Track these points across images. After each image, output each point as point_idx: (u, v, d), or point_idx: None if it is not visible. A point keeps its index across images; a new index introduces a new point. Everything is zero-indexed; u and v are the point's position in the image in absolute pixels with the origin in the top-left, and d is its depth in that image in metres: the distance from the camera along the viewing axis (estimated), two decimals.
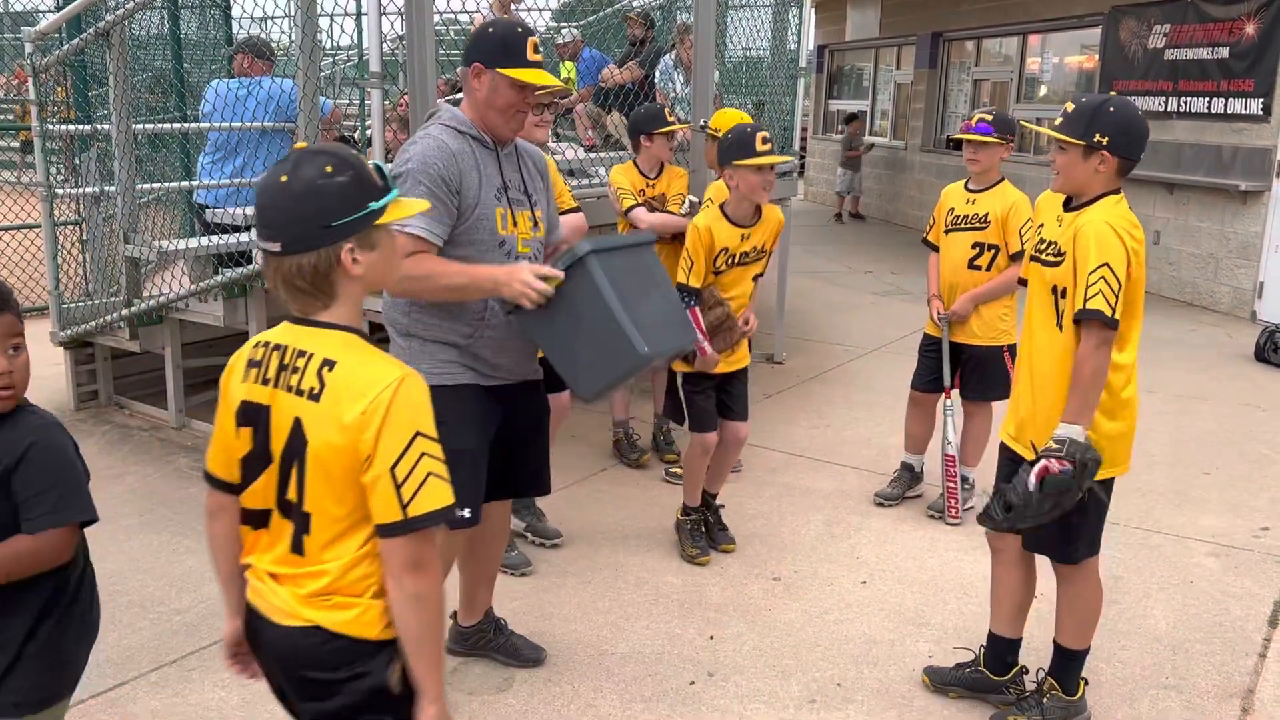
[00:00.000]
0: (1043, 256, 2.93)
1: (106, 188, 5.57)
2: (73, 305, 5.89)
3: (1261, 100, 8.39)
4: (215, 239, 5.14)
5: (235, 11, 6.76)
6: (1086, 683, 3.11)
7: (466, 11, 5.39)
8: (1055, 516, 2.73)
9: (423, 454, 1.73)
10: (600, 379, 2.74)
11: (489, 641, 3.41)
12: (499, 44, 2.80)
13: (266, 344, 1.83)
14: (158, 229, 5.75)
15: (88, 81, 6.09)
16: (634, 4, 8.49)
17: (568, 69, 7.58)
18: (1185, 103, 9.23)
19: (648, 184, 4.94)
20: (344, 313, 1.80)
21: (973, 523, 4.30)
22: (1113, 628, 3.66)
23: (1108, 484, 2.88)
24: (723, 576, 4.07)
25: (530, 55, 2.80)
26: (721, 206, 4.02)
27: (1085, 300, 2.71)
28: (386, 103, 6.28)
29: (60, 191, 5.96)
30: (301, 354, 1.78)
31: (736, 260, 4.02)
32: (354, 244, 1.75)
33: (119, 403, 6.00)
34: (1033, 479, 2.69)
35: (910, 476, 4.83)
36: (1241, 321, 8.60)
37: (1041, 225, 3.01)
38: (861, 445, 5.54)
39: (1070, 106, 2.85)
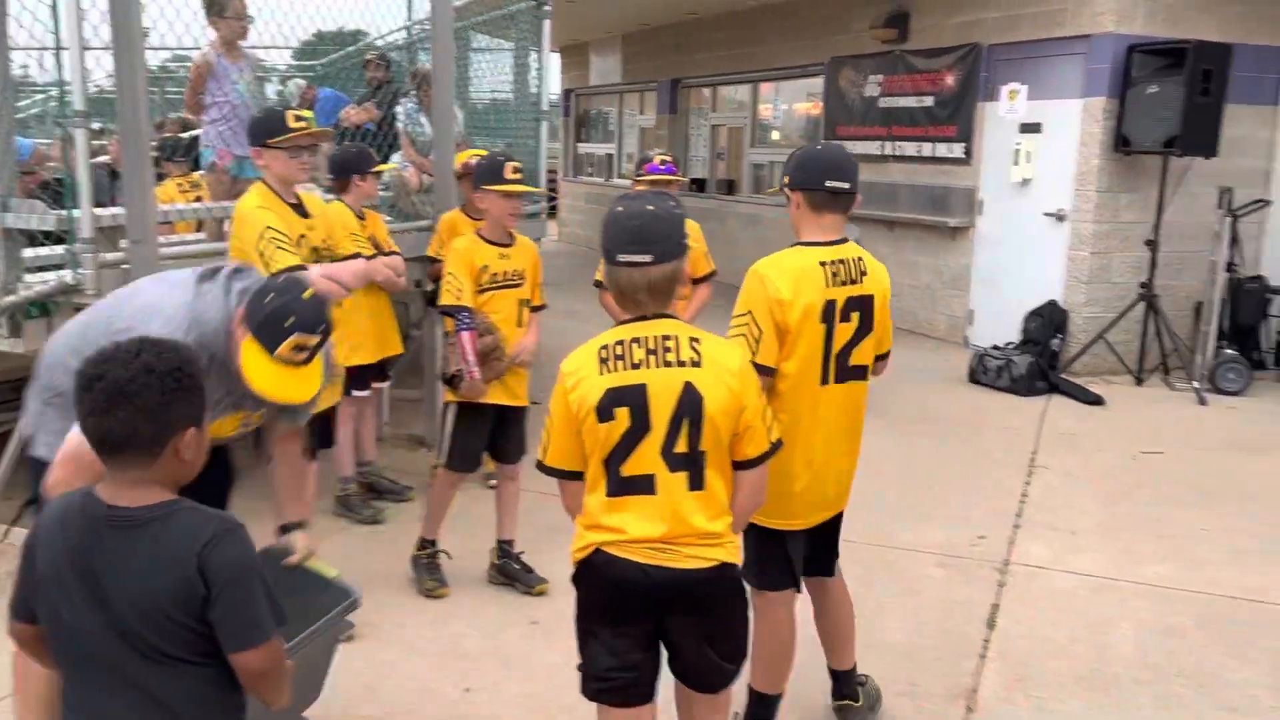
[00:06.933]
0: None
1: None
2: None
3: (963, 145, 9.23)
4: None
5: None
6: None
7: (185, 48, 5.10)
8: None
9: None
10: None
11: None
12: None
13: (607, 345, 2.29)
14: None
15: None
16: (375, 43, 8.35)
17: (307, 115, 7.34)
18: (898, 147, 10.02)
19: (361, 226, 4.83)
20: (674, 308, 2.36)
21: None
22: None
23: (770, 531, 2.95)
24: (479, 625, 3.99)
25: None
26: (477, 231, 4.17)
27: None
28: (107, 143, 5.86)
29: None
30: (667, 336, 2.28)
31: (500, 281, 4.10)
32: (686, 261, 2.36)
33: None
34: None
35: None
36: (956, 346, 9.37)
37: None
38: None
39: None
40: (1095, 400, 7.49)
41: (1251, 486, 5.71)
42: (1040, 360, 7.90)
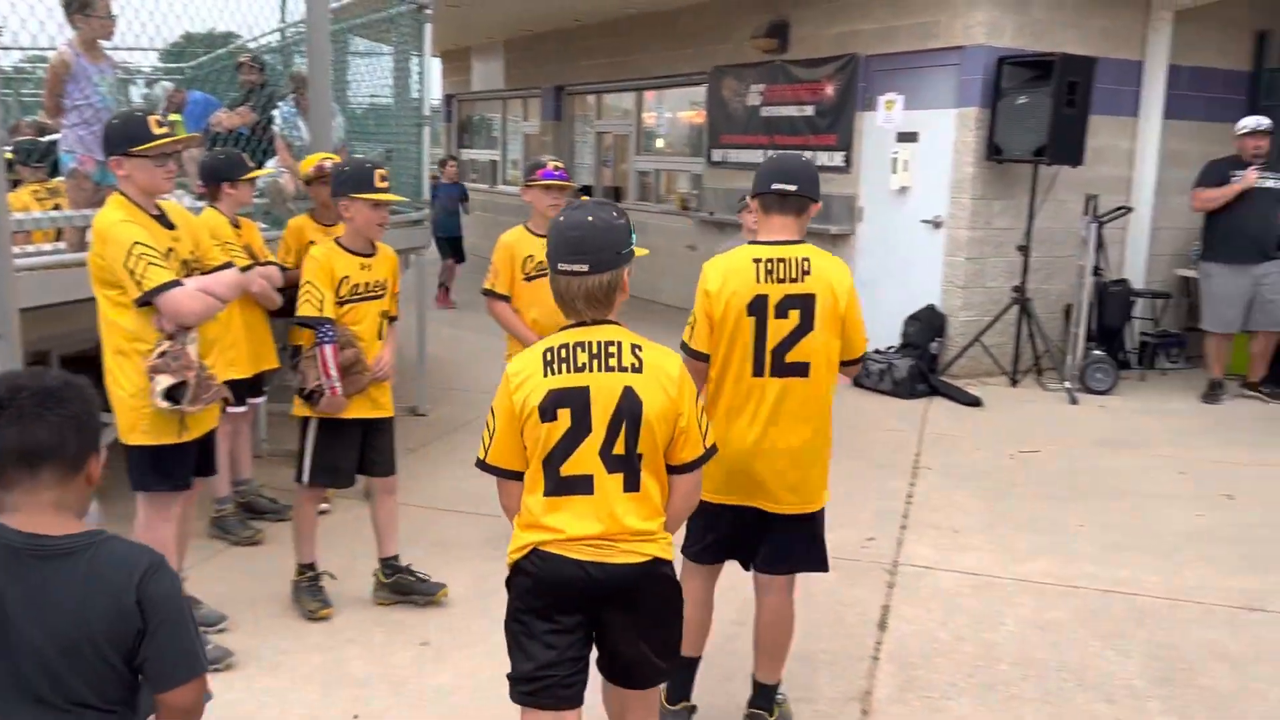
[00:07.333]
0: None
1: None
2: None
3: (843, 154, 9.41)
4: None
5: None
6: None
7: (41, 48, 4.82)
8: None
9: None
10: None
11: None
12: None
13: (552, 348, 2.37)
14: None
15: None
16: (247, 46, 8.07)
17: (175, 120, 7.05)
18: None
19: (236, 235, 4.65)
20: (614, 315, 2.42)
21: None
22: (748, 651, 3.83)
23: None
24: (367, 648, 3.85)
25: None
26: (336, 240, 4.00)
27: None
28: None
29: None
30: (610, 342, 2.36)
31: (361, 292, 3.96)
32: (629, 268, 2.39)
33: None
34: None
35: None
36: None
37: None
38: None
39: None
40: (973, 401, 7.71)
41: (1120, 482, 5.94)
42: (920, 363, 8.11)
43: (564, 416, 2.34)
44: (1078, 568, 4.69)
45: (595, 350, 2.36)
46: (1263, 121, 7.62)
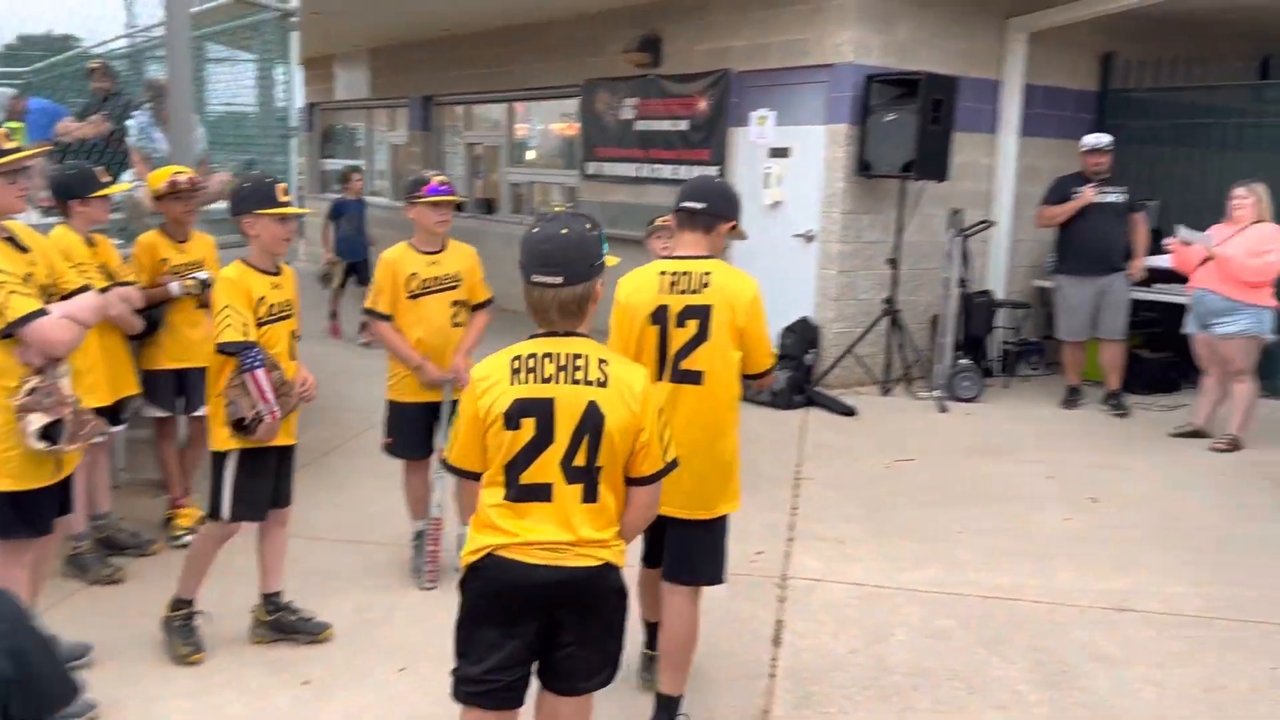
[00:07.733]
0: None
1: None
2: None
3: (717, 168, 9.48)
4: None
5: None
6: None
7: None
8: None
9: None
10: None
11: None
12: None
13: (520, 356, 2.42)
14: None
15: None
16: (94, 50, 7.64)
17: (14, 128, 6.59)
18: (655, 169, 10.19)
19: (91, 254, 4.36)
20: (586, 327, 2.47)
21: None
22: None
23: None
24: (243, 691, 3.63)
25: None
26: (245, 260, 3.82)
27: None
28: None
29: None
30: (578, 355, 2.41)
31: (276, 313, 3.81)
32: (600, 279, 2.45)
33: None
34: None
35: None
36: None
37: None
38: (388, 519, 5.30)
39: None
40: (848, 411, 7.86)
41: (993, 488, 6.13)
42: (797, 374, 8.21)
43: (528, 426, 2.39)
44: (959, 575, 4.80)
45: (563, 362, 2.41)
46: (1101, 139, 8.02)
